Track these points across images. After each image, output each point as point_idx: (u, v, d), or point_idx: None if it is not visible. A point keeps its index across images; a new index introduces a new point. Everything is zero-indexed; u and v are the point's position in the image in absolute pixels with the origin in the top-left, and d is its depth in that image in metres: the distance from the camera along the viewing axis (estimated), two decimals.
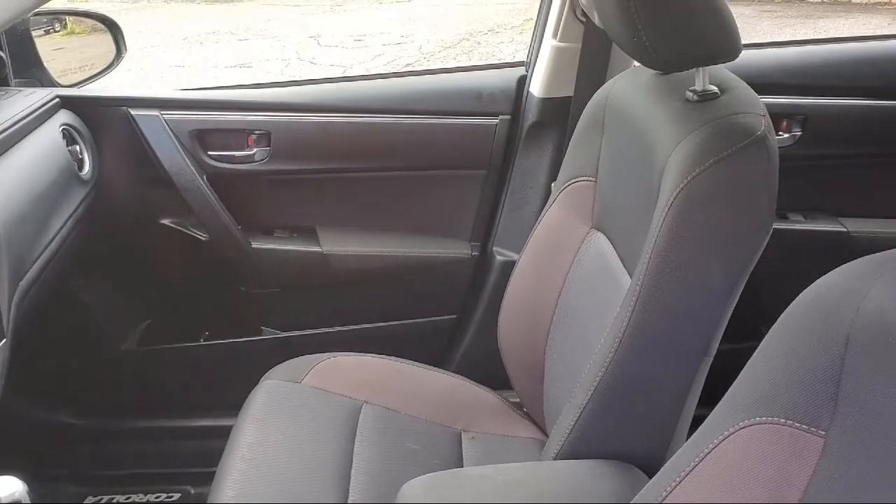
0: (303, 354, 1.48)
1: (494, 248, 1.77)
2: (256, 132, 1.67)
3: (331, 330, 1.79)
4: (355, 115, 1.69)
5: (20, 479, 1.00)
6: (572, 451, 1.04)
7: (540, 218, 1.34)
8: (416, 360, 1.50)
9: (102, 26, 1.77)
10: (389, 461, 1.26)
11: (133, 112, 1.63)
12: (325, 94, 1.72)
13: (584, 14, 1.55)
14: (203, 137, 1.66)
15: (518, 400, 1.42)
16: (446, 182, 1.77)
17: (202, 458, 1.65)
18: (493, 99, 1.72)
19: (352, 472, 1.22)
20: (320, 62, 6.14)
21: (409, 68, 5.71)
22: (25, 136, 1.41)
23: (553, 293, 1.27)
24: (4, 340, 1.15)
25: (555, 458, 1.06)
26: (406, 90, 1.77)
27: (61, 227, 1.43)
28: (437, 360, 1.53)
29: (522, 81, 1.73)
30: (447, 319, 1.82)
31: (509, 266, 1.44)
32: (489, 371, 1.46)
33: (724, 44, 1.00)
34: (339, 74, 5.54)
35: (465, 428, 1.36)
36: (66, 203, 1.47)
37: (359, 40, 6.90)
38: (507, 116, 1.72)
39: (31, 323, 1.28)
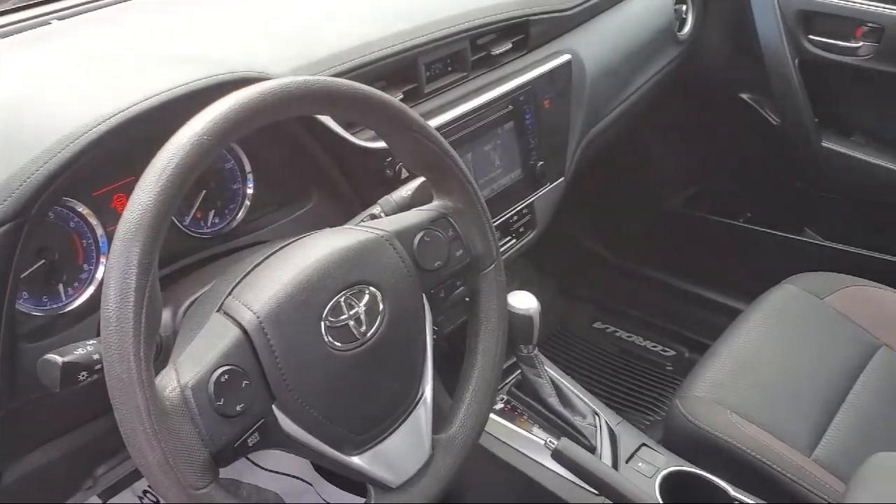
0: (833, 270, 1.41)
1: None
2: (869, 24, 1.51)
3: (876, 255, 1.64)
4: None
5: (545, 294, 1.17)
6: None
7: None
8: None
9: None
10: (886, 416, 1.16)
11: None
12: None
13: None
14: (808, 20, 1.57)
15: None
16: None
17: (702, 328, 1.72)
18: None
19: (839, 410, 1.16)
20: None
21: None
22: None
23: None
24: (562, 179, 1.33)
25: None
26: None
27: (644, 83, 1.54)
28: None
29: None
30: None
31: None
32: None
33: None
34: None
35: None
36: (656, 61, 1.58)
37: None
38: None
39: (588, 167, 1.43)
